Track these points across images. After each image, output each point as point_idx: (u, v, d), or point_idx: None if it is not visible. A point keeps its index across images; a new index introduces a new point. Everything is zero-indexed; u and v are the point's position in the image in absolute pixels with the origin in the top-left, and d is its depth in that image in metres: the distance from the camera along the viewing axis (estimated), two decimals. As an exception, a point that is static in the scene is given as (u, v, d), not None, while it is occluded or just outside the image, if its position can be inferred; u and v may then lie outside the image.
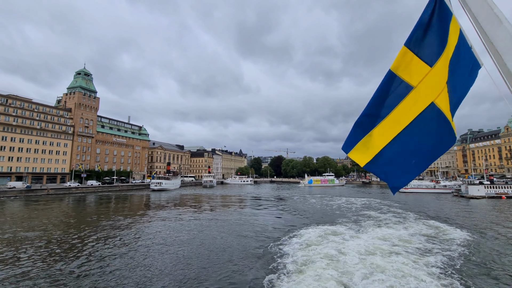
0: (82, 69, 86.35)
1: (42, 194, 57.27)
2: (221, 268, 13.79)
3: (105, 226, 24.64)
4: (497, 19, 1.47)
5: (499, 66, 1.45)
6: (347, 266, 13.80)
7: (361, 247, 17.05)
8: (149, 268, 13.68)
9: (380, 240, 19.11)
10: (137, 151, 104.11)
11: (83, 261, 14.77)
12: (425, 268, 13.58)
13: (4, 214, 31.61)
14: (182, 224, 25.70)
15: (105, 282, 12.02)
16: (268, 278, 12.41)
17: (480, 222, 26.90)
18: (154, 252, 16.52)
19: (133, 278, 12.37)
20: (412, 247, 17.28)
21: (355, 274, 12.65)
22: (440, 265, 14.11)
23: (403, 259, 14.91)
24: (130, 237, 20.27)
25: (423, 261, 14.58)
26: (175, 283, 11.95)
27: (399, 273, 12.80)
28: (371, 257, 15.18)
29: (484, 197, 48.54)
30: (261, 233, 21.56)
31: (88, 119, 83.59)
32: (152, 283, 11.90)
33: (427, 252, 16.37)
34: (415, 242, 18.69)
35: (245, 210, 36.08)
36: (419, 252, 16.37)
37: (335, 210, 35.43)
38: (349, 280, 12.03)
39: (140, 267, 13.81)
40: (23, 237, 19.84)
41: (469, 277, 12.63)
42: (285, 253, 16.07)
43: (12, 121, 64.90)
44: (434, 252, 16.44)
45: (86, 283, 11.81)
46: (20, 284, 11.62)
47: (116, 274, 12.87)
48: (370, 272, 12.97)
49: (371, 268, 13.52)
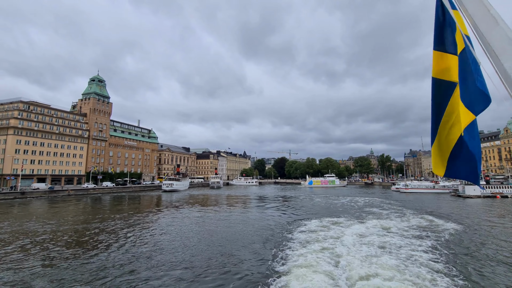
0: (96, 76, 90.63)
1: (63, 194, 61.12)
2: (244, 245, 17.22)
3: (130, 221, 28.21)
4: (493, 20, 1.52)
5: (496, 67, 1.49)
6: (345, 242, 17.27)
7: (360, 230, 20.51)
8: (175, 253, 17.12)
9: (378, 227, 22.52)
10: (147, 154, 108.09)
11: (115, 250, 18.28)
12: (416, 245, 16.91)
13: (34, 212, 35.34)
14: (203, 219, 29.19)
15: (136, 264, 15.49)
16: (276, 251, 15.82)
17: (469, 217, 30.12)
18: (179, 240, 19.98)
19: (162, 261, 15.83)
20: (405, 233, 20.63)
21: (351, 248, 16.02)
22: (429, 243, 17.45)
23: (396, 240, 18.28)
24: (154, 229, 23.78)
25: (413, 241, 17.92)
26: (203, 261, 15.35)
27: (392, 248, 16.18)
28: (368, 237, 18.61)
29: (480, 197, 51.54)
30: (271, 225, 24.99)
31: (102, 123, 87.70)
32: (178, 265, 15.34)
33: (418, 236, 19.72)
34: (409, 229, 22.08)
35: (255, 208, 39.49)
36: (412, 235, 19.74)
37: (338, 207, 38.73)
38: (346, 250, 15.41)
39: (167, 252, 17.27)
40: (56, 230, 23.45)
41: (450, 254, 15.93)
42: (292, 237, 19.46)
43: (34, 126, 69.06)
44: (424, 236, 19.88)
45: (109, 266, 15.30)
46: (54, 268, 15.12)
47: (144, 260, 16.35)
48: (366, 245, 16.33)
49: (368, 244, 16.92)
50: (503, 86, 1.47)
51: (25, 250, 17.07)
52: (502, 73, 1.44)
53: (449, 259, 15.17)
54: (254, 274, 13.06)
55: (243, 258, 15.33)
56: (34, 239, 19.63)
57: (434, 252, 16.25)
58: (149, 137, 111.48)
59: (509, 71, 1.40)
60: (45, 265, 14.14)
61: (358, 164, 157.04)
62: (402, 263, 14.02)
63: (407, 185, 69.50)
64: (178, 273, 13.15)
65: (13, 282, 11.93)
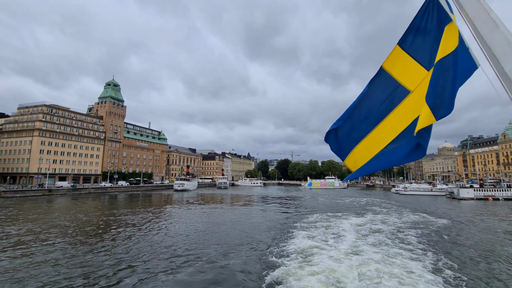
0: (111, 81, 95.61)
1: (84, 192, 65.76)
2: (254, 233, 21.47)
3: (153, 214, 32.55)
4: (494, 24, 1.52)
5: (496, 70, 1.50)
6: (341, 230, 21.53)
7: (358, 222, 24.68)
8: (189, 239, 21.38)
9: (374, 220, 26.73)
10: (157, 155, 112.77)
11: (133, 238, 22.59)
12: (408, 235, 21.04)
13: (63, 206, 39.83)
14: (217, 214, 33.48)
15: (155, 248, 19.74)
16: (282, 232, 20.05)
17: (459, 216, 34.16)
18: (194, 230, 24.26)
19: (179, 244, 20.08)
20: (400, 226, 24.77)
21: (346, 234, 20.20)
22: (419, 231, 21.57)
23: (391, 228, 22.44)
24: (173, 221, 28.10)
25: (406, 231, 22.07)
26: (216, 246, 19.55)
27: (385, 233, 20.34)
28: (364, 226, 22.77)
29: (473, 199, 55.39)
30: (278, 218, 29.23)
31: (116, 125, 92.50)
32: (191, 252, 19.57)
33: (411, 227, 23.85)
34: (403, 223, 26.22)
35: (263, 206, 43.71)
36: (404, 227, 23.89)
37: (341, 206, 42.87)
38: (342, 233, 19.58)
39: (182, 239, 21.55)
40: (86, 221, 27.85)
41: (437, 242, 20.05)
42: (296, 226, 23.73)
43: (56, 128, 73.90)
44: (416, 228, 24.01)
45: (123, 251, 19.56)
46: (79, 251, 19.41)
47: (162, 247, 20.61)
48: (361, 231, 20.51)
49: (362, 230, 21.14)
50: (504, 90, 1.49)
51: (64, 234, 21.49)
52: (503, 76, 1.45)
53: (432, 241, 19.32)
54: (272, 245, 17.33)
55: (263, 238, 19.60)
56: (68, 227, 24.07)
57: (422, 237, 20.42)
58: (159, 138, 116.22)
59: (509, 75, 1.40)
60: (83, 249, 18.52)
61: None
62: (392, 241, 18.22)
63: (406, 187, 73.43)
64: (212, 251, 17.43)
65: (53, 255, 16.28)
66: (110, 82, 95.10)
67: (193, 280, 12.40)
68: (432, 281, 12.10)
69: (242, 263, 14.61)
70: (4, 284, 11.48)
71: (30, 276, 12.43)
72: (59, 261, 14.57)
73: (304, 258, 15.07)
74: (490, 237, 21.98)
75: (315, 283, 11.53)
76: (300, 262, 14.30)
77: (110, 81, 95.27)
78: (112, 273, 13.06)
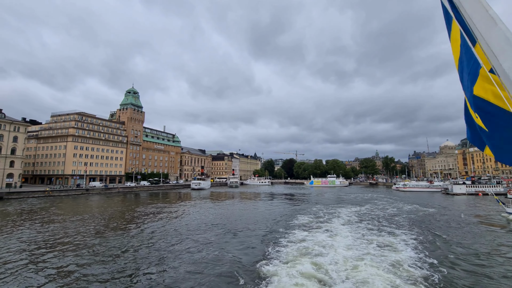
0: (131, 89, 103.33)
1: (114, 191, 73.43)
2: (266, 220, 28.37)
3: (177, 208, 39.75)
4: (492, 20, 1.51)
5: (495, 67, 1.49)
6: (342, 214, 28.45)
7: (356, 210, 31.50)
8: (207, 227, 28.34)
9: (373, 209, 33.57)
10: (172, 156, 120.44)
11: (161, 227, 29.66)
12: (398, 216, 27.81)
13: (102, 203, 47.26)
14: (240, 205, 40.49)
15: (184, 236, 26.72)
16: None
17: (447, 207, 40.78)
18: (211, 221, 31.25)
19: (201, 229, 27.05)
20: (395, 213, 31.54)
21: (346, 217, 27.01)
22: (408, 217, 28.32)
23: (386, 212, 29.26)
24: (194, 213, 35.20)
25: (398, 215, 28.81)
26: (232, 229, 26.46)
27: (378, 216, 27.17)
28: (363, 212, 29.64)
29: (465, 194, 61.75)
30: (289, 208, 36.17)
31: (137, 130, 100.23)
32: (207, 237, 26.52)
33: (403, 213, 30.60)
34: (397, 211, 33.02)
35: (274, 201, 50.70)
36: (398, 212, 30.68)
37: (345, 200, 49.68)
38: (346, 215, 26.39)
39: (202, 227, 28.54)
40: (123, 210, 35.08)
41: (423, 223, 26.77)
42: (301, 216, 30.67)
43: (86, 134, 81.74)
44: (408, 213, 30.80)
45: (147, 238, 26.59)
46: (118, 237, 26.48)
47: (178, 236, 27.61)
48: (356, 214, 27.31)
49: (362, 215, 27.99)
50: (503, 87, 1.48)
51: (110, 219, 28.75)
52: (501, 72, 1.45)
53: (416, 220, 26.12)
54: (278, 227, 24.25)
55: (272, 224, 26.57)
56: (109, 217, 31.37)
57: (410, 219, 27.25)
58: (173, 141, 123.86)
59: (508, 72, 1.40)
60: (130, 232, 25.69)
61: (364, 166, 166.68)
62: (386, 221, 25.08)
63: (405, 185, 79.91)
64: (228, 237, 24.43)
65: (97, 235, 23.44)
66: (130, 90, 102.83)
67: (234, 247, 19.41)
68: (404, 241, 19.00)
69: (260, 237, 21.63)
70: (81, 249, 18.63)
71: (94, 245, 19.61)
72: (113, 238, 21.75)
73: (308, 231, 22.12)
74: (456, 218, 28.79)
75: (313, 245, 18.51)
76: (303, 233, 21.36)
77: (130, 89, 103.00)
78: (152, 247, 20.18)
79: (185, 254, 16.11)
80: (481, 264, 14.70)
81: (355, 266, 13.64)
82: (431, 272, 13.04)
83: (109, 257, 15.57)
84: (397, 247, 17.45)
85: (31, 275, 12.77)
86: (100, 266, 13.98)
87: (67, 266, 13.98)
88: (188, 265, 14.27)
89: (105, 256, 15.75)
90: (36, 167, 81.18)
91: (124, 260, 15.05)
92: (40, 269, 13.61)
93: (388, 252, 16.25)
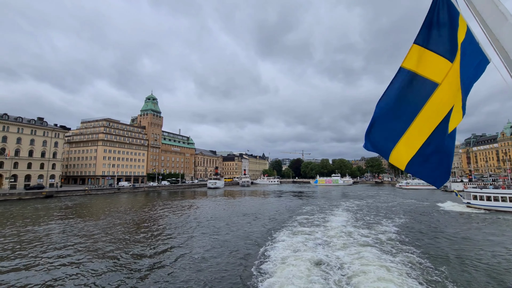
0: (151, 95, 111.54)
1: (141, 190, 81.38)
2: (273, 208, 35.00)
3: (203, 203, 46.76)
4: (502, 16, 1.49)
5: (506, 63, 1.47)
6: (344, 205, 34.96)
7: (357, 202, 38.01)
8: (222, 221, 35.08)
9: (375, 201, 40.00)
10: (187, 157, 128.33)
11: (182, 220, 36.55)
12: (394, 207, 34.15)
13: (134, 199, 54.74)
14: (255, 200, 47.30)
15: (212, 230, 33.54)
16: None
17: (441, 201, 46.83)
18: (228, 216, 38.00)
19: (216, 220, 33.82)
20: (393, 205, 37.88)
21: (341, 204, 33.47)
22: (403, 208, 34.64)
23: (386, 205, 35.68)
24: (212, 206, 42.06)
25: (395, 207, 35.16)
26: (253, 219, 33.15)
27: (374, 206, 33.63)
28: (361, 204, 36.16)
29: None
30: (295, 203, 42.75)
31: (156, 133, 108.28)
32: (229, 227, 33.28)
33: (399, 205, 36.91)
34: (396, 203, 39.38)
35: (285, 198, 57.35)
36: (396, 204, 37.04)
37: (351, 196, 56.00)
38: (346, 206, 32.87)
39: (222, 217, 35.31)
40: (155, 204, 42.19)
41: (417, 213, 33.10)
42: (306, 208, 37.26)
43: (113, 138, 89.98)
44: (408, 206, 37.17)
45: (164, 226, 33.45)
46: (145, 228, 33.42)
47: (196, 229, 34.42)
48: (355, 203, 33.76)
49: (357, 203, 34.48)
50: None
51: (143, 212, 35.88)
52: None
53: (408, 210, 32.49)
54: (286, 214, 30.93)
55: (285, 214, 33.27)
56: (142, 211, 38.56)
57: (405, 210, 33.65)
58: (188, 143, 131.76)
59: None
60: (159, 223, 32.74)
61: (370, 165, 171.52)
62: (383, 211, 31.59)
63: (408, 183, 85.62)
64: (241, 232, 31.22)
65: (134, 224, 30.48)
66: (149, 96, 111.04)
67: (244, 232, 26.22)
68: (393, 231, 25.57)
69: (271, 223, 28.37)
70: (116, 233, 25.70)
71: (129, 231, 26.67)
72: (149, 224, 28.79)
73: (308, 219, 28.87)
74: (447, 210, 35.09)
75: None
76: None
77: (149, 96, 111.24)
78: (173, 235, 27.13)
79: (233, 231, 23.09)
80: (442, 231, 21.28)
81: (345, 244, 20.38)
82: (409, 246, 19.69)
83: (152, 236, 22.69)
84: (384, 229, 24.09)
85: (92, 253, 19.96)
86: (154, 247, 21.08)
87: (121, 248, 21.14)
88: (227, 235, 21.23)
89: (147, 238, 22.88)
90: (69, 168, 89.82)
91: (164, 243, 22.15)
92: (107, 241, 20.84)
93: (378, 227, 22.90)
